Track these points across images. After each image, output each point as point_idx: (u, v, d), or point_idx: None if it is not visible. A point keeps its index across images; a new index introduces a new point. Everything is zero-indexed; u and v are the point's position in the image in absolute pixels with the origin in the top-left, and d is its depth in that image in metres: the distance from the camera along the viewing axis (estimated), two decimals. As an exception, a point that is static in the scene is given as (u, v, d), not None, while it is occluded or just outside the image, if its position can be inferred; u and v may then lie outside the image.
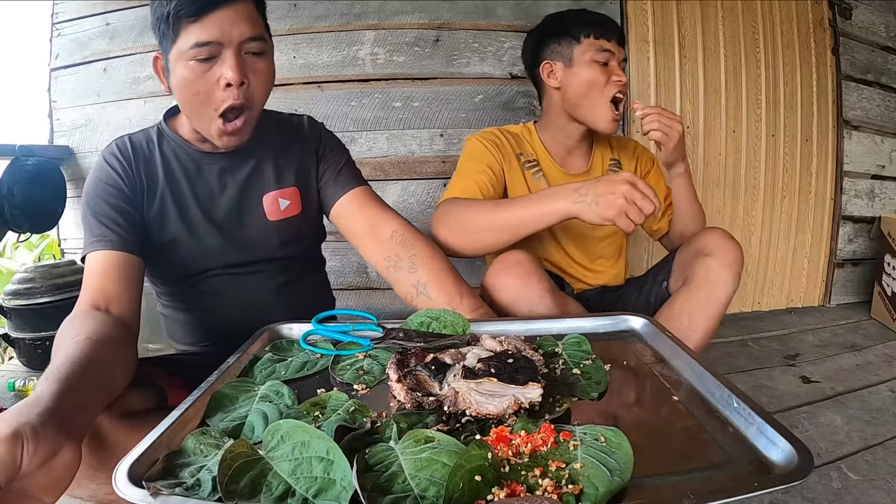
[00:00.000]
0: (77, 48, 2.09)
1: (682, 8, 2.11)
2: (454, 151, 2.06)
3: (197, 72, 0.82)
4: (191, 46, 0.80)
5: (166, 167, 0.95)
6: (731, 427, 0.53)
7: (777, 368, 1.69)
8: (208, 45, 0.80)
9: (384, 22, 2.00)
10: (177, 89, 0.85)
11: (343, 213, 1.02)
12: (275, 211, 0.99)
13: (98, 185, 0.90)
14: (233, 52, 0.82)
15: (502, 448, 0.47)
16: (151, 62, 0.89)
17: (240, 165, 0.98)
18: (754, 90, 2.18)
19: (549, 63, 1.30)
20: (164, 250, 0.95)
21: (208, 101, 0.84)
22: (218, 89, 0.83)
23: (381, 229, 0.99)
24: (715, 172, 2.19)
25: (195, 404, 0.59)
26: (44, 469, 0.47)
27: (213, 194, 0.97)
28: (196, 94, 0.83)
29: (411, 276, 0.94)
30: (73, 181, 2.11)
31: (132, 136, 0.97)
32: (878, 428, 1.30)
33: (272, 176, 1.00)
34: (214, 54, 0.81)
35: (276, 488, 0.44)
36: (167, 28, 0.81)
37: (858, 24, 2.28)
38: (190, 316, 1.04)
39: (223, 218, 0.97)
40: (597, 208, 0.92)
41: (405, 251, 0.96)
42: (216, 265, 0.98)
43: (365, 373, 0.69)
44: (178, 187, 0.95)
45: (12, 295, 1.77)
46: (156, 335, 1.92)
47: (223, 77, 0.82)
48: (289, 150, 1.02)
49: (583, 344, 0.73)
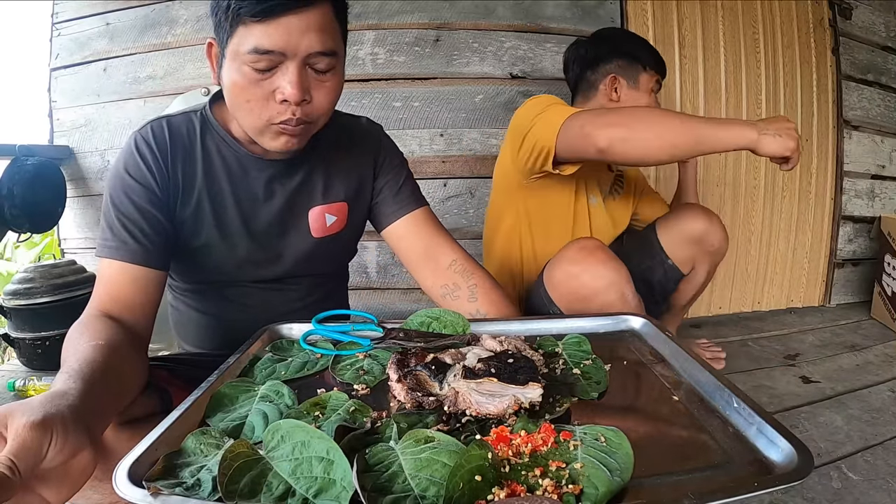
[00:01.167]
0: (77, 48, 2.09)
1: (682, 8, 2.11)
2: (454, 151, 2.06)
3: (252, 79, 0.72)
4: (249, 51, 0.69)
5: (207, 164, 0.85)
6: (731, 427, 0.53)
7: (777, 368, 1.69)
8: (269, 53, 0.69)
9: (384, 22, 2.01)
10: (227, 89, 0.75)
11: (400, 234, 0.97)
12: (320, 227, 0.93)
13: (125, 180, 0.81)
14: (296, 66, 0.71)
15: (502, 448, 0.47)
16: (205, 48, 0.78)
17: (290, 174, 0.89)
18: (754, 90, 2.18)
19: (615, 77, 1.40)
20: (194, 254, 0.88)
21: (261, 112, 0.74)
22: (273, 101, 0.73)
23: (439, 257, 0.95)
24: (715, 172, 2.19)
25: (195, 404, 0.59)
26: (61, 468, 0.45)
27: (257, 203, 0.88)
28: (248, 101, 0.74)
29: (470, 306, 0.92)
30: (73, 181, 2.11)
31: (171, 120, 0.85)
32: (878, 428, 1.30)
33: (321, 188, 0.92)
34: (275, 64, 0.71)
35: (276, 488, 0.44)
36: (225, 19, 0.70)
37: (858, 24, 2.28)
38: (206, 319, 0.99)
39: (264, 229, 0.90)
40: (781, 140, 0.96)
41: (464, 281, 0.94)
42: (247, 277, 0.93)
43: (365, 373, 0.69)
44: (218, 188, 0.86)
45: (12, 295, 1.77)
46: (157, 334, 1.92)
47: (280, 91, 0.72)
48: (343, 159, 0.93)
49: (583, 344, 0.73)
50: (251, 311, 0.94)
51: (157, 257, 0.80)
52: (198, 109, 0.88)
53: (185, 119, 0.86)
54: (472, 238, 2.12)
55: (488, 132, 2.07)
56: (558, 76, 2.08)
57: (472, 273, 0.95)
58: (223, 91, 0.78)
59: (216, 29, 0.74)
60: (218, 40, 0.75)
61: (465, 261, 0.96)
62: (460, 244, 0.99)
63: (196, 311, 0.99)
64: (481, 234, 2.10)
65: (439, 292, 0.95)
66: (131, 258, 0.78)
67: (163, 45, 2.04)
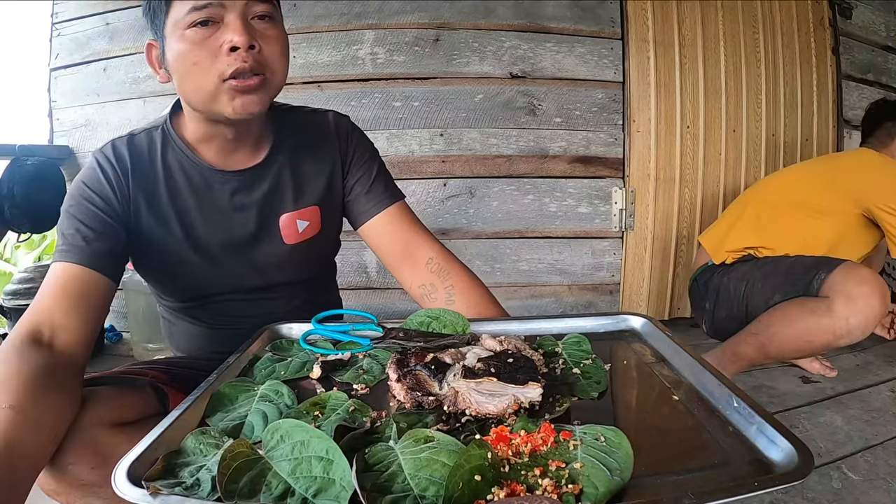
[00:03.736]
0: (77, 48, 2.09)
1: (682, 8, 2.11)
2: (454, 151, 2.06)
3: (195, 39, 0.72)
4: (188, 12, 0.71)
5: (170, 182, 0.84)
6: (731, 427, 0.53)
7: (777, 368, 1.69)
8: (207, 7, 0.71)
9: (384, 22, 2.01)
10: (175, 67, 0.75)
11: (376, 232, 0.94)
12: (292, 234, 0.91)
13: (83, 191, 0.80)
14: (237, 16, 0.72)
15: (502, 448, 0.47)
16: (145, 55, 0.79)
17: (255, 184, 0.87)
18: (754, 90, 2.18)
19: None
20: (170, 272, 0.88)
21: (211, 69, 0.73)
22: (221, 55, 0.72)
23: (416, 255, 0.92)
24: (715, 172, 2.19)
25: (195, 404, 0.59)
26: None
27: (225, 215, 0.87)
28: (196, 63, 0.73)
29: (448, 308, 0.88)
30: (72, 181, 2.11)
31: (134, 138, 0.85)
32: (878, 428, 1.30)
33: (290, 194, 0.90)
34: (215, 17, 0.72)
35: (276, 488, 0.44)
36: (158, 5, 0.73)
37: (858, 23, 2.28)
38: (195, 330, 0.97)
39: (235, 242, 0.88)
40: None
41: (441, 281, 0.91)
42: (227, 289, 0.91)
43: (365, 372, 0.69)
44: (184, 205, 0.85)
45: (12, 295, 1.77)
46: (157, 334, 1.93)
47: (227, 42, 0.72)
48: (311, 160, 0.92)
49: (583, 343, 0.73)
50: (239, 322, 0.93)
51: (107, 263, 0.76)
52: (158, 125, 0.87)
53: (147, 136, 0.85)
54: (472, 238, 2.12)
55: (488, 132, 2.07)
56: (558, 76, 2.09)
57: (449, 272, 0.91)
58: (173, 77, 0.77)
59: (152, 22, 0.76)
60: (156, 33, 0.77)
61: (443, 259, 0.92)
62: (439, 240, 0.96)
63: (186, 324, 0.98)
64: (481, 233, 2.12)
65: (418, 292, 0.93)
66: (80, 259, 0.74)
67: (163, 45, 2.04)
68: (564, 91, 2.09)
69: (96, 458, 0.63)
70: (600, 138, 2.12)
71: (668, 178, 2.16)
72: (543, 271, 2.16)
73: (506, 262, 2.15)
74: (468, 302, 0.90)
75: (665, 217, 2.18)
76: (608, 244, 2.17)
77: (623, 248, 2.18)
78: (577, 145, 2.11)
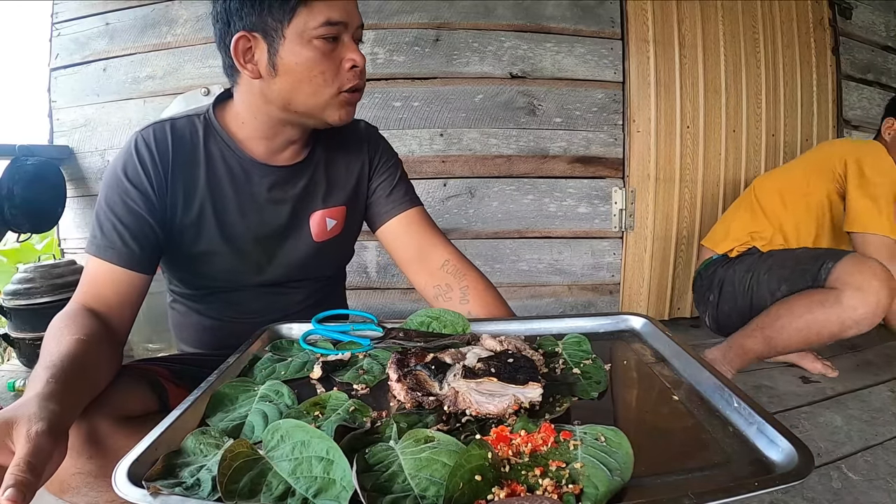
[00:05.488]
0: (77, 48, 2.09)
1: (682, 8, 2.11)
2: (454, 151, 2.06)
3: (325, 50, 0.78)
4: (321, 24, 0.76)
5: (210, 169, 0.85)
6: (731, 427, 0.53)
7: (777, 368, 1.69)
8: (338, 24, 0.78)
9: (384, 22, 2.01)
10: (294, 69, 0.78)
11: (393, 234, 0.97)
12: (321, 231, 0.94)
13: (121, 183, 0.81)
14: (350, 37, 0.80)
15: (502, 448, 0.47)
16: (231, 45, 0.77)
17: (293, 180, 0.90)
18: (754, 90, 2.18)
19: None
20: (196, 260, 0.89)
21: (334, 80, 0.80)
22: (342, 70, 0.80)
23: (431, 257, 0.95)
24: (715, 172, 2.19)
25: (195, 404, 0.59)
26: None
27: (260, 209, 0.89)
28: (322, 72, 0.79)
29: (461, 308, 0.91)
30: (73, 181, 2.11)
31: (175, 124, 0.85)
32: (878, 428, 1.30)
33: (322, 193, 0.93)
34: (338, 35, 0.79)
35: (276, 488, 0.44)
36: (279, 7, 0.75)
37: (858, 23, 2.28)
38: (205, 322, 0.98)
39: (267, 234, 0.90)
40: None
41: (457, 282, 0.94)
42: (248, 282, 0.93)
43: (365, 372, 0.69)
44: (221, 195, 0.86)
45: (12, 295, 1.77)
46: (157, 334, 1.93)
47: (350, 59, 0.80)
48: (343, 162, 0.96)
49: (583, 343, 0.73)
50: (251, 315, 0.94)
51: (143, 262, 0.81)
52: (200, 113, 0.87)
53: (188, 122, 0.86)
54: (471, 238, 2.12)
55: (488, 132, 2.07)
56: (557, 76, 2.09)
57: (465, 274, 0.95)
58: (280, 75, 0.79)
59: (260, 20, 0.76)
60: (268, 29, 0.77)
61: (458, 261, 0.96)
62: (454, 245, 0.99)
63: (195, 314, 0.99)
64: (481, 233, 2.12)
65: (432, 293, 0.95)
66: (118, 260, 0.79)
67: (162, 45, 2.04)
68: (564, 91, 2.09)
69: (94, 448, 0.64)
70: (600, 138, 2.12)
71: (668, 178, 2.16)
72: (543, 271, 2.16)
73: (506, 262, 2.15)
74: (482, 303, 0.92)
75: (665, 217, 2.18)
76: (608, 244, 2.18)
77: (623, 248, 2.18)
78: (577, 145, 2.11)
